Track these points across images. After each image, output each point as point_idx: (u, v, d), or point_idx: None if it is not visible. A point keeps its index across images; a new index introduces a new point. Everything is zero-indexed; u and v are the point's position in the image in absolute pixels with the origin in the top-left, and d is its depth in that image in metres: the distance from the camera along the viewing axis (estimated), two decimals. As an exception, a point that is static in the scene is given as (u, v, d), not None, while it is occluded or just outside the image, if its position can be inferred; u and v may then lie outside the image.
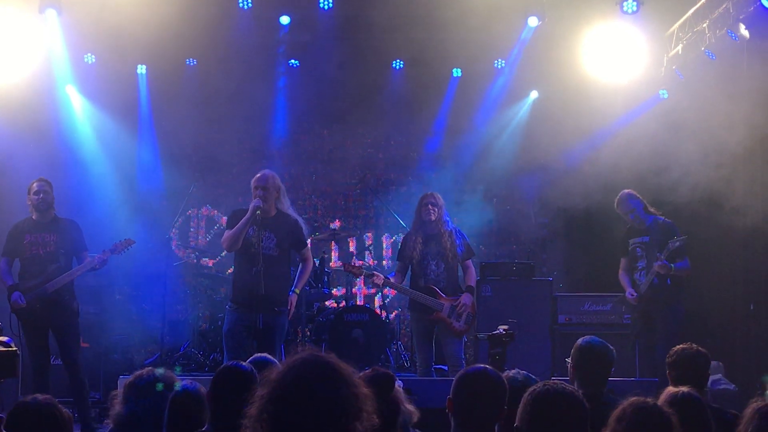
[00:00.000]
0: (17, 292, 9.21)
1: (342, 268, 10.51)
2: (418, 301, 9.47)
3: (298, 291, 9.01)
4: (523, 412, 3.85)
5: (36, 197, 9.42)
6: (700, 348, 6.15)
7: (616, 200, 10.03)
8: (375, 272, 9.80)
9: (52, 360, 9.59)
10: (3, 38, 11.47)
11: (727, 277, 11.94)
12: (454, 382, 4.50)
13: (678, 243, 9.50)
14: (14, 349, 3.46)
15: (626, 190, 10.01)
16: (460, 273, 9.78)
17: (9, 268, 9.51)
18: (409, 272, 9.76)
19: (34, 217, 9.52)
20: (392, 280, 9.70)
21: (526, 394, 3.91)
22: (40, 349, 9.33)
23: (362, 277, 10.00)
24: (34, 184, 9.49)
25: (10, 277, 9.42)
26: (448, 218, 9.71)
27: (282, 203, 9.02)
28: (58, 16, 11.48)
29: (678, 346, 6.19)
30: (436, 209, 9.53)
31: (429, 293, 9.42)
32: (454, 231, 9.66)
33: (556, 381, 3.96)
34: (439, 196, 9.68)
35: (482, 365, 4.61)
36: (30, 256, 9.41)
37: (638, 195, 9.93)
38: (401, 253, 9.81)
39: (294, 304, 8.96)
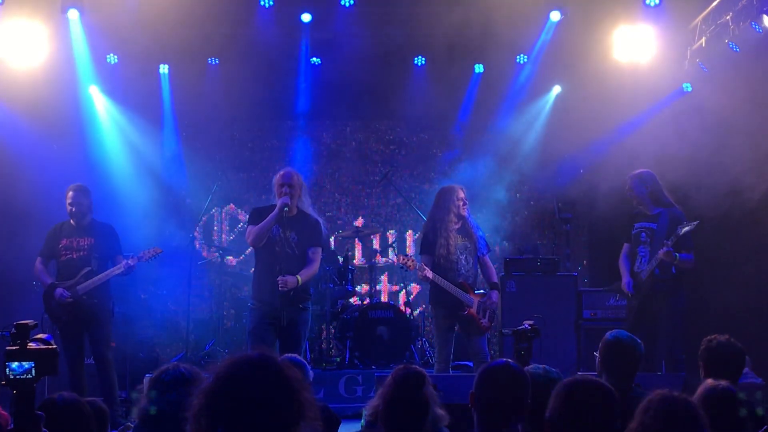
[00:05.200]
0: (59, 288, 9.33)
1: (393, 262, 10.20)
2: (443, 297, 9.31)
3: (300, 279, 8.76)
4: (555, 403, 3.84)
5: (70, 208, 9.58)
6: (735, 341, 6.10)
7: (628, 179, 9.87)
8: (425, 267, 9.51)
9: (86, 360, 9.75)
10: (25, 39, 11.52)
11: (752, 270, 11.83)
12: (476, 376, 4.48)
13: (687, 227, 9.18)
14: (54, 347, 3.46)
15: (641, 171, 9.82)
16: None
17: (45, 268, 9.68)
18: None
19: (72, 221, 9.67)
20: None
21: (557, 386, 3.90)
22: (75, 348, 9.49)
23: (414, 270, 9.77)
24: (70, 193, 9.61)
25: (48, 277, 9.58)
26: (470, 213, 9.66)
27: (303, 202, 9.01)
28: (80, 16, 11.53)
29: (713, 338, 6.12)
30: (467, 205, 9.49)
31: (461, 289, 9.32)
32: (476, 226, 9.60)
33: (584, 374, 3.95)
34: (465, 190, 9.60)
35: (504, 359, 4.59)
36: (64, 261, 9.60)
37: (648, 179, 9.75)
38: (429, 249, 9.44)
39: (289, 284, 8.66)
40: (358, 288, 13.34)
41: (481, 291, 9.56)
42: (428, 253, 9.45)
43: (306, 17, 12.68)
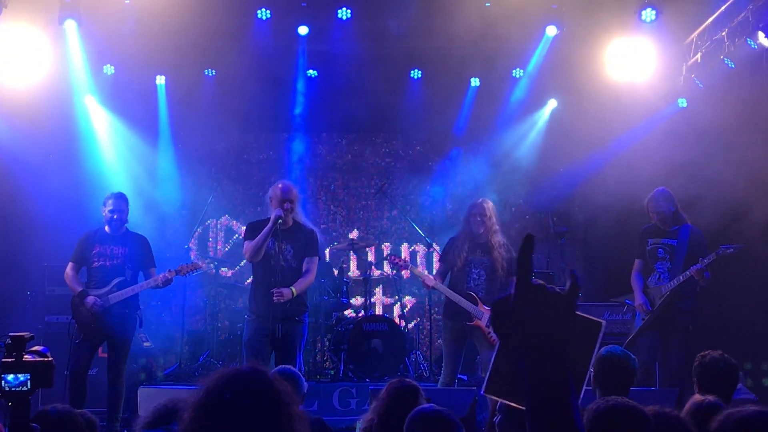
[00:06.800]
0: (91, 296, 9.29)
1: (386, 260, 10.30)
2: (455, 310, 9.39)
3: (294, 290, 8.82)
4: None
5: (110, 215, 9.53)
6: (729, 357, 6.11)
7: (649, 196, 9.81)
8: (426, 273, 9.60)
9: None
10: (23, 48, 11.53)
11: (751, 287, 11.85)
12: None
13: (731, 250, 9.25)
14: (50, 359, 3.47)
15: (663, 189, 9.79)
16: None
17: (76, 274, 9.61)
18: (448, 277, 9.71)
19: (106, 229, 9.63)
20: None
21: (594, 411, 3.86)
22: (87, 358, 9.40)
23: (407, 271, 9.86)
24: (110, 201, 9.57)
25: (79, 284, 9.51)
26: (498, 228, 9.63)
27: (298, 213, 9.05)
28: (77, 27, 11.56)
29: (706, 354, 6.13)
30: (485, 220, 9.48)
31: (469, 300, 9.36)
32: (505, 245, 9.59)
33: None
34: (489, 205, 9.59)
35: (432, 406, 4.50)
36: (97, 267, 9.52)
37: (673, 197, 9.75)
38: (444, 257, 9.71)
39: (285, 295, 8.74)
40: (352, 300, 13.31)
41: None
42: (443, 261, 9.76)
43: (303, 30, 12.68)
